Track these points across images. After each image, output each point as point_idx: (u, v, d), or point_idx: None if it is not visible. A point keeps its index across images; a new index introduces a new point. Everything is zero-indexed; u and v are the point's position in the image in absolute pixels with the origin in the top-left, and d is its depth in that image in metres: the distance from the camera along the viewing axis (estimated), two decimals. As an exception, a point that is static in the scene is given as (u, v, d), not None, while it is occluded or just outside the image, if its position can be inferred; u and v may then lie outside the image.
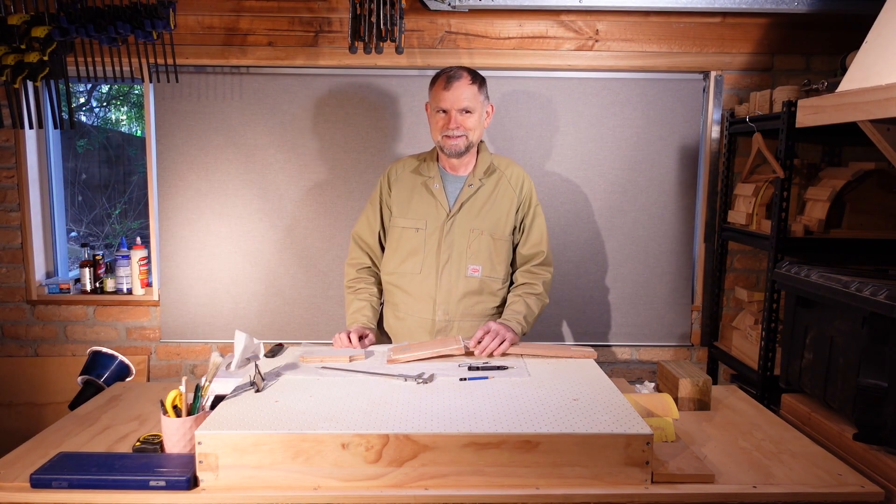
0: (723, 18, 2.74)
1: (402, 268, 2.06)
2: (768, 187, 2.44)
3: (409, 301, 2.07)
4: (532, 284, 2.07)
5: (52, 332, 2.94)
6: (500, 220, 2.05)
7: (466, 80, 1.94)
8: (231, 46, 2.73)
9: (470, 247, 2.02)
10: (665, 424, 1.48)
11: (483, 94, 1.99)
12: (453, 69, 1.96)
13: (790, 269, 1.86)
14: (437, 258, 2.02)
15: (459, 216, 2.03)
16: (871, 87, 1.50)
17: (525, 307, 2.01)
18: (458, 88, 1.92)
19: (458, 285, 2.03)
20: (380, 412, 1.39)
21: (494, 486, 1.29)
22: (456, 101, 1.92)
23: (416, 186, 2.06)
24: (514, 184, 2.08)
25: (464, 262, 2.02)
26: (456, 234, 2.02)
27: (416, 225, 2.04)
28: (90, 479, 1.28)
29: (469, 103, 1.94)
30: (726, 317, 2.89)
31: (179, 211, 2.84)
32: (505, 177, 2.07)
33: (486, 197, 2.04)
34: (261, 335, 2.83)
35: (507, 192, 2.06)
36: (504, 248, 2.07)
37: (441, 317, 2.04)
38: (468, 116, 1.95)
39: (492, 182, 2.06)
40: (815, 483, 1.34)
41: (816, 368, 1.73)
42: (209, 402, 1.48)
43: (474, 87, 1.95)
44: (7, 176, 2.83)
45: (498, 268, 2.06)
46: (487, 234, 2.03)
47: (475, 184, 2.04)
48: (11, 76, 2.09)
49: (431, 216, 2.03)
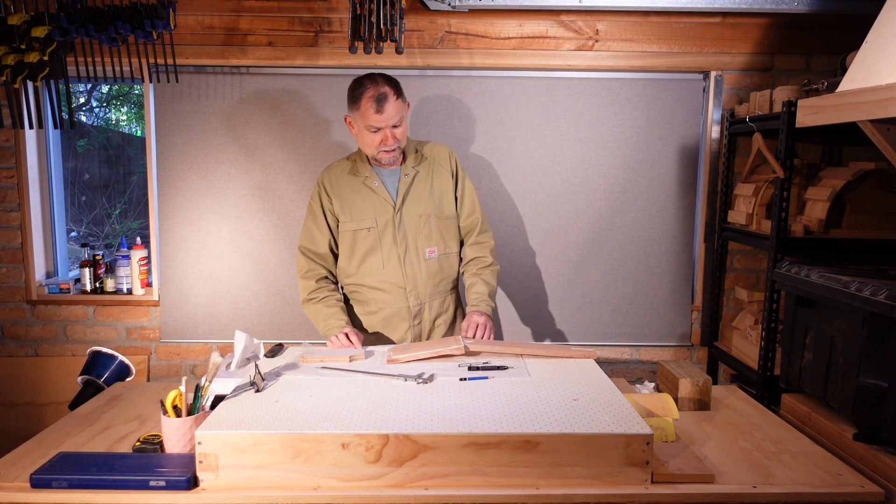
0: (723, 18, 2.74)
1: (363, 268, 2.10)
2: (768, 187, 2.44)
3: (379, 295, 2.11)
4: (481, 258, 2.18)
5: (52, 332, 2.94)
6: (441, 199, 2.13)
7: (392, 96, 1.95)
8: (231, 46, 2.73)
9: (421, 232, 2.10)
10: (665, 424, 1.48)
11: (404, 100, 2.01)
12: (373, 86, 1.94)
13: (790, 269, 1.86)
14: (396, 250, 2.08)
15: (405, 206, 2.09)
16: (871, 87, 1.50)
17: (485, 286, 2.13)
18: (388, 109, 1.94)
19: (421, 270, 2.10)
20: (380, 412, 1.39)
21: (494, 486, 1.29)
22: (388, 120, 1.95)
23: (355, 188, 2.09)
24: (443, 163, 2.16)
25: (420, 247, 2.10)
26: (407, 224, 2.09)
27: (366, 225, 2.08)
28: (90, 479, 1.28)
29: (399, 116, 1.97)
30: (726, 317, 2.89)
31: (179, 211, 2.84)
32: (434, 159, 2.15)
33: (423, 182, 2.12)
34: (261, 335, 2.83)
35: (441, 172, 2.15)
36: (452, 225, 2.17)
37: (414, 302, 2.11)
38: (399, 128, 1.99)
39: (425, 167, 2.13)
40: (815, 483, 1.34)
41: (816, 368, 1.73)
42: (209, 402, 1.48)
43: (399, 101, 1.97)
44: (7, 176, 2.83)
45: (451, 244, 2.16)
46: (434, 216, 2.12)
47: (410, 173, 2.10)
48: (11, 76, 2.09)
49: (379, 213, 2.08)
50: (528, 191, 2.84)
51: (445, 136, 2.80)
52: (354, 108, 1.99)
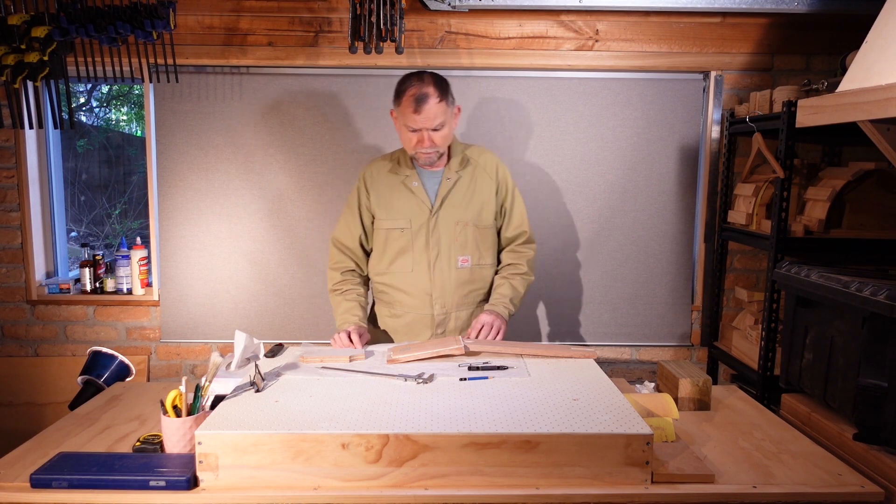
0: (723, 18, 2.74)
1: (393, 268, 2.07)
2: (768, 187, 2.44)
3: (405, 299, 2.08)
4: (517, 265, 2.12)
5: (52, 332, 2.94)
6: (482, 208, 2.07)
7: (434, 99, 1.89)
8: (231, 46, 2.73)
9: (456, 239, 2.05)
10: (665, 424, 1.48)
11: (450, 103, 1.95)
12: (418, 84, 1.90)
13: (790, 269, 1.86)
14: (427, 254, 2.04)
15: (442, 211, 2.04)
16: (871, 87, 1.50)
17: (510, 289, 2.07)
18: (427, 111, 1.89)
19: (450, 278, 2.05)
20: (380, 412, 1.39)
21: (494, 486, 1.29)
22: (427, 122, 1.90)
23: (394, 186, 2.06)
24: (489, 171, 2.09)
25: (453, 254, 2.05)
26: (441, 229, 2.04)
27: (400, 225, 2.04)
28: (90, 479, 1.28)
29: (440, 120, 1.92)
30: (726, 317, 2.89)
31: (179, 211, 2.84)
32: (479, 165, 2.09)
33: (465, 188, 2.06)
34: (261, 335, 2.83)
35: (484, 180, 2.08)
36: (489, 235, 2.10)
37: (439, 310, 2.07)
38: (439, 131, 1.94)
39: (468, 173, 2.07)
40: (815, 483, 1.34)
41: (816, 368, 1.73)
42: (209, 402, 1.48)
43: (443, 104, 1.91)
44: (7, 176, 2.83)
45: (485, 255, 2.10)
46: (472, 224, 2.06)
47: (452, 177, 2.05)
48: (11, 76, 2.09)
49: (415, 214, 2.04)
50: (528, 191, 2.84)
51: (445, 136, 2.80)
52: (397, 103, 1.95)
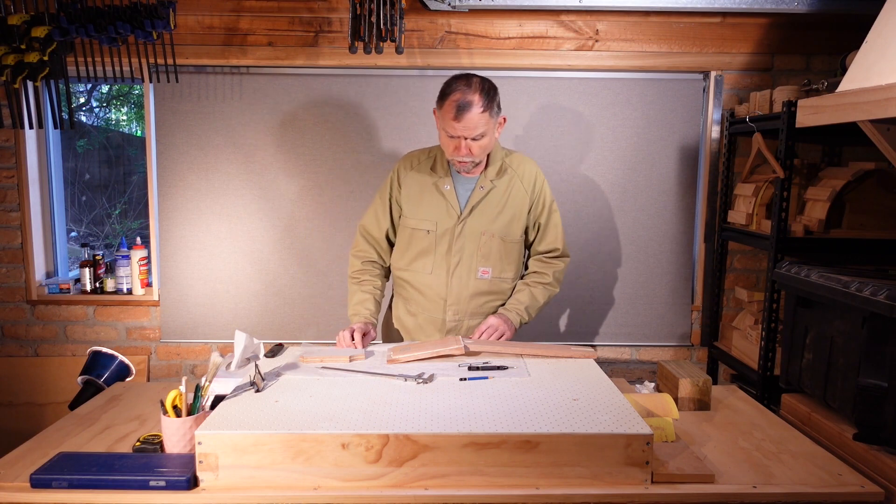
0: (723, 18, 2.74)
1: (413, 266, 2.05)
2: (768, 187, 2.44)
3: (420, 299, 2.07)
4: (542, 274, 2.08)
5: (52, 332, 2.94)
6: (511, 223, 2.01)
7: (478, 108, 1.81)
8: (231, 46, 2.73)
9: (480, 250, 2.00)
10: (665, 424, 1.48)
11: (494, 113, 1.87)
12: (464, 90, 1.82)
13: (790, 269, 1.86)
14: (448, 260, 2.01)
15: (470, 219, 1.99)
16: (871, 87, 1.50)
17: (529, 297, 2.03)
18: (468, 121, 1.81)
19: (468, 287, 2.02)
20: (380, 412, 1.39)
21: (494, 486, 1.29)
22: (467, 131, 1.83)
23: (426, 186, 2.01)
24: (526, 183, 2.02)
25: (474, 264, 2.01)
26: (466, 238, 1.99)
27: (426, 227, 2.00)
28: (90, 479, 1.28)
29: (481, 130, 1.84)
30: (726, 317, 2.89)
31: (179, 211, 2.84)
32: (517, 175, 2.02)
33: (497, 199, 2.00)
34: (261, 335, 2.83)
35: (518, 193, 2.02)
36: (515, 250, 2.06)
37: (451, 317, 2.04)
38: (479, 141, 1.87)
39: (503, 183, 2.00)
40: (815, 483, 1.34)
41: (816, 368, 1.73)
42: (209, 402, 1.48)
43: (486, 114, 1.83)
44: (7, 176, 2.83)
45: (507, 269, 2.05)
46: (498, 237, 2.00)
47: (486, 185, 1.98)
48: (11, 76, 2.09)
49: (442, 218, 1.99)
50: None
51: (445, 136, 2.80)
52: (440, 105, 1.87)
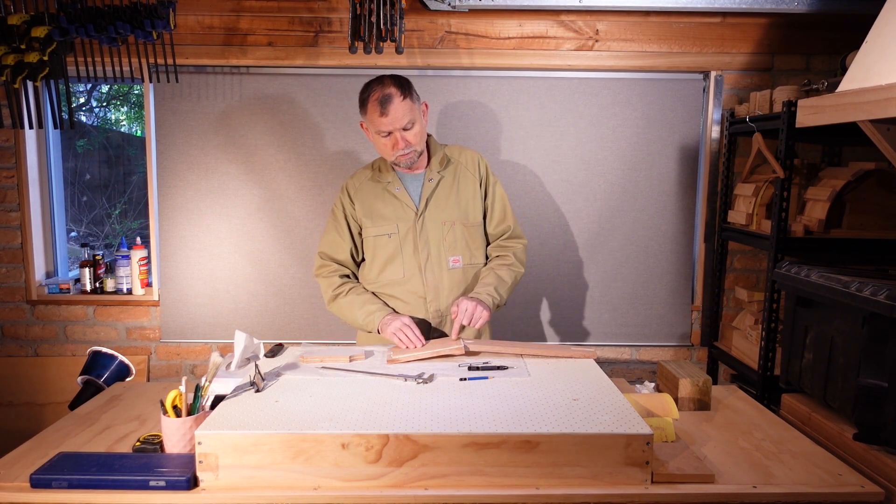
0: (723, 18, 2.74)
1: (384, 276, 2.05)
2: (768, 187, 2.44)
3: (399, 305, 2.05)
4: (503, 256, 2.10)
5: (52, 332, 2.94)
6: (467, 206, 2.05)
7: (398, 97, 1.87)
8: (231, 46, 2.73)
9: (445, 239, 2.03)
10: (665, 424, 1.48)
11: (415, 99, 1.93)
12: (379, 88, 1.89)
13: (790, 269, 1.86)
14: (417, 259, 2.02)
15: (428, 212, 2.02)
16: (871, 87, 1.50)
17: (495, 279, 2.02)
18: (394, 111, 1.87)
19: (443, 280, 2.03)
20: (380, 412, 1.39)
21: (494, 486, 1.29)
22: (395, 122, 1.88)
23: (377, 193, 2.04)
24: (471, 168, 2.07)
25: (443, 255, 2.03)
26: (429, 230, 2.02)
27: (387, 231, 2.02)
28: (90, 479, 1.28)
29: (408, 118, 1.90)
30: (726, 317, 2.89)
31: (179, 211, 2.84)
32: (461, 164, 2.07)
33: (448, 188, 2.04)
34: (261, 335, 2.83)
35: (467, 178, 2.06)
36: (478, 234, 2.09)
37: (434, 313, 2.05)
38: (411, 130, 1.92)
39: (450, 172, 2.05)
40: (815, 483, 1.34)
41: (816, 368, 1.73)
42: (209, 402, 1.48)
43: (408, 101, 1.89)
44: (7, 176, 2.83)
45: (476, 254, 2.08)
46: (459, 223, 2.04)
47: (435, 177, 2.03)
48: (11, 76, 2.09)
49: (401, 219, 2.02)
50: (528, 191, 2.84)
51: (445, 136, 2.80)
52: (363, 112, 1.94)
